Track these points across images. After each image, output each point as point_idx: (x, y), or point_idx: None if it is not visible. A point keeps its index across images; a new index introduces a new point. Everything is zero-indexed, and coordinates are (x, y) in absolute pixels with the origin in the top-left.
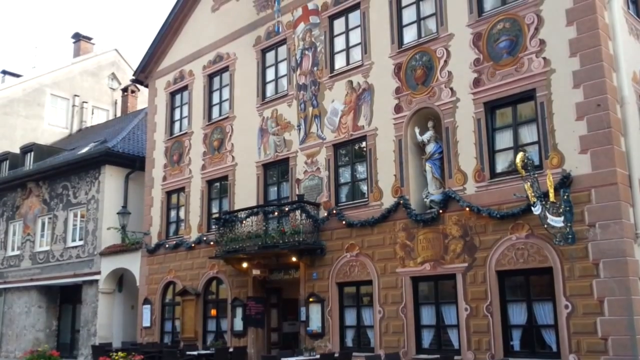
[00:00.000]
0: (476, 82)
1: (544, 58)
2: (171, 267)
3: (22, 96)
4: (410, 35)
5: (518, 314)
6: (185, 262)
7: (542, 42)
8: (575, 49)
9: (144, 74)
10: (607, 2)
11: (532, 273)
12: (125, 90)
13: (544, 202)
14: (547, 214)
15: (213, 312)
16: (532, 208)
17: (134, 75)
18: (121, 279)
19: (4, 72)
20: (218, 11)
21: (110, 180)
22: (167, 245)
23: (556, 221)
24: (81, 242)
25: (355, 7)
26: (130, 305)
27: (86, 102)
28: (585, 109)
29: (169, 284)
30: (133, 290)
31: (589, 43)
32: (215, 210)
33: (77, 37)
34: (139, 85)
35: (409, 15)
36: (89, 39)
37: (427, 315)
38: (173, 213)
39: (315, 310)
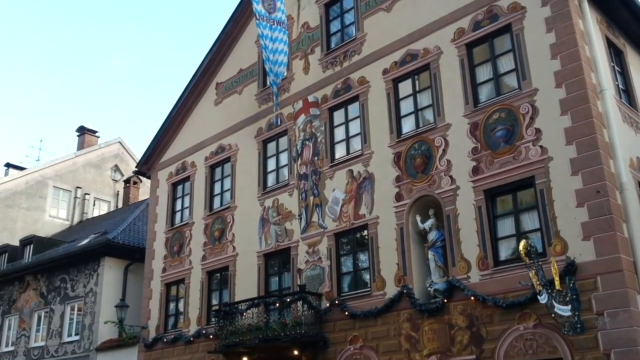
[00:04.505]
0: (475, 170)
1: (541, 146)
2: None
3: (24, 189)
4: (408, 125)
5: None
6: (183, 357)
7: (538, 131)
8: (571, 137)
9: (146, 166)
10: (599, 92)
11: None
12: (127, 181)
13: (550, 291)
14: (554, 303)
15: None
16: (538, 297)
17: (136, 167)
18: None
19: (8, 165)
20: (221, 104)
21: (110, 272)
22: (165, 340)
23: (563, 310)
24: (77, 337)
25: (354, 99)
26: None
27: (88, 194)
28: (585, 195)
29: None
30: None
31: (584, 131)
32: (215, 301)
33: (82, 131)
34: (141, 177)
35: (406, 106)
36: (94, 132)
37: None
38: (172, 305)
39: None
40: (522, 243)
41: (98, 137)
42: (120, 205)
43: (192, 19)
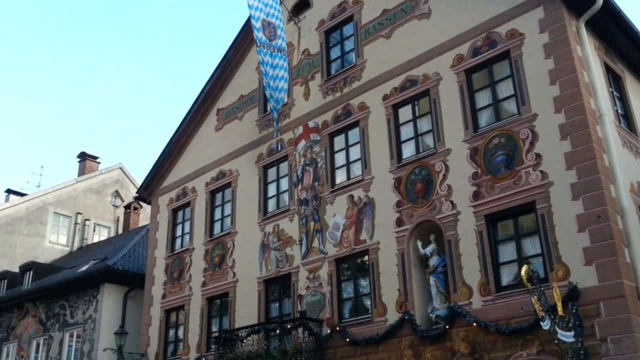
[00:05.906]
0: (476, 195)
1: (541, 171)
2: None
3: (25, 215)
4: (408, 150)
5: None
6: None
7: (538, 156)
8: (571, 162)
9: (147, 192)
10: (598, 117)
11: None
12: (127, 207)
13: (552, 317)
14: (557, 329)
15: None
16: (541, 323)
17: (137, 193)
18: None
19: (9, 191)
20: (221, 130)
21: (109, 298)
22: None
23: (567, 336)
24: None
25: (355, 124)
26: None
27: (88, 220)
28: (586, 220)
29: None
30: None
31: (584, 156)
32: (215, 328)
33: (83, 157)
34: (141, 202)
35: (406, 131)
36: (95, 158)
37: None
38: (172, 332)
39: None
40: (524, 268)
41: (99, 163)
42: (120, 231)
43: (194, 45)
